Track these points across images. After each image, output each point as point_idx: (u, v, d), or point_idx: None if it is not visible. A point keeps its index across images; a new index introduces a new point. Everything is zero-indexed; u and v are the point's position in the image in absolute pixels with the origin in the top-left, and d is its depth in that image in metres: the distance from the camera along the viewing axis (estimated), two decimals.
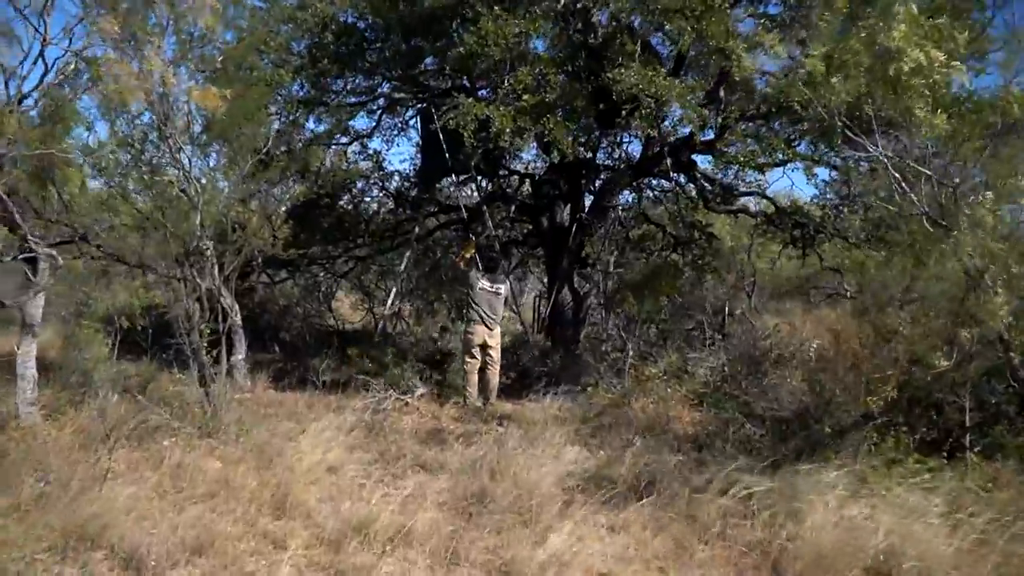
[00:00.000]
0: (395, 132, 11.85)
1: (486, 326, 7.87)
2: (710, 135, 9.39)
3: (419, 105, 10.59)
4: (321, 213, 11.05)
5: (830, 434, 5.61)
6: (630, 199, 11.75)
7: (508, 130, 6.88)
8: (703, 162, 10.33)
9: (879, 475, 5.01)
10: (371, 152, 11.43)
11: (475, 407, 7.75)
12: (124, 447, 5.87)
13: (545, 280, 13.64)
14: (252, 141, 6.96)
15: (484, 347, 7.92)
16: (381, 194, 11.70)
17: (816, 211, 10.57)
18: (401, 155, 34.03)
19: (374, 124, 11.09)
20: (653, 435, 6.58)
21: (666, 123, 8.56)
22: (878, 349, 6.02)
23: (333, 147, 11.56)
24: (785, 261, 17.01)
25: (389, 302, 10.11)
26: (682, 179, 10.76)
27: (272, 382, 9.07)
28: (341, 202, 11.45)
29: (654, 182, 11.66)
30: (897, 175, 5.13)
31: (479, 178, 10.29)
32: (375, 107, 11.10)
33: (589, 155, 10.15)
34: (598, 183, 10.85)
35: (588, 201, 10.50)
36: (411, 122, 11.77)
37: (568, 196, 10.57)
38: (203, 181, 6.97)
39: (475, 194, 11.14)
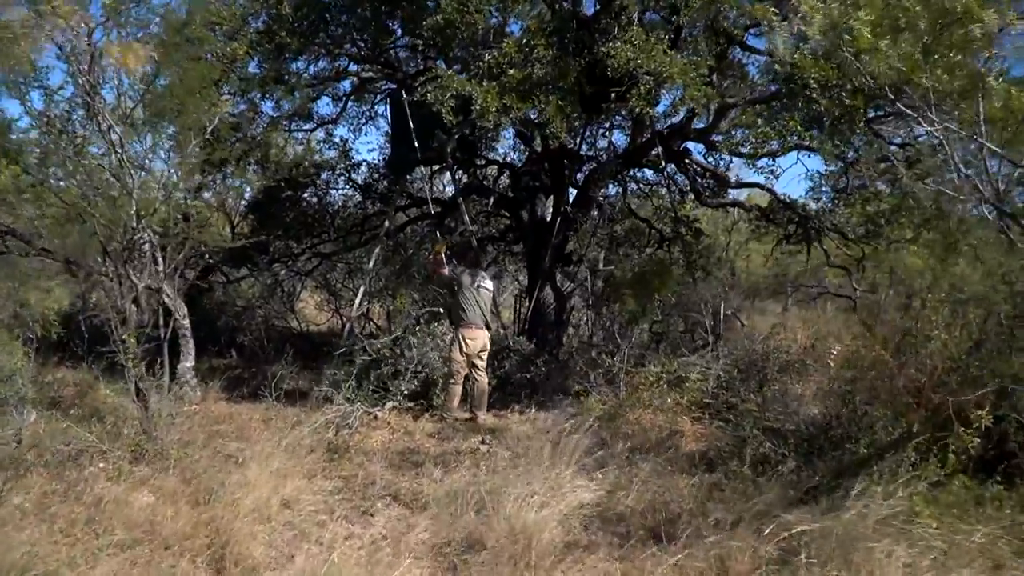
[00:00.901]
0: (363, 120, 10.99)
1: (487, 327, 7.02)
2: (701, 124, 8.69)
3: (388, 88, 9.72)
4: (283, 206, 10.12)
5: (866, 455, 4.87)
6: (615, 192, 10.99)
7: (494, 109, 6.02)
8: (697, 151, 9.62)
9: (927, 502, 4.29)
10: (337, 140, 10.55)
11: (460, 420, 6.93)
12: (42, 475, 4.98)
13: (521, 279, 12.82)
14: (198, 120, 6.04)
15: (478, 352, 7.08)
16: (348, 186, 10.78)
17: (811, 205, 9.91)
18: (369, 144, 32.83)
19: (339, 110, 10.19)
20: (657, 453, 5.82)
21: (660, 106, 7.77)
22: (911, 355, 5.29)
23: (295, 134, 10.64)
24: (759, 258, 16.45)
25: (357, 303, 9.18)
26: (671, 170, 10.03)
27: (225, 392, 8.15)
28: (305, 194, 10.51)
29: (639, 174, 10.93)
30: (955, 157, 4.38)
31: (454, 168, 9.42)
32: (340, 91, 10.25)
33: (574, 144, 9.35)
34: (580, 175, 10.08)
35: (570, 195, 9.72)
36: (380, 109, 10.92)
37: (550, 188, 9.77)
38: (142, 164, 6.05)
39: (449, 186, 10.29)
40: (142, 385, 5.95)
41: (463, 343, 6.96)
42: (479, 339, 6.96)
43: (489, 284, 7.22)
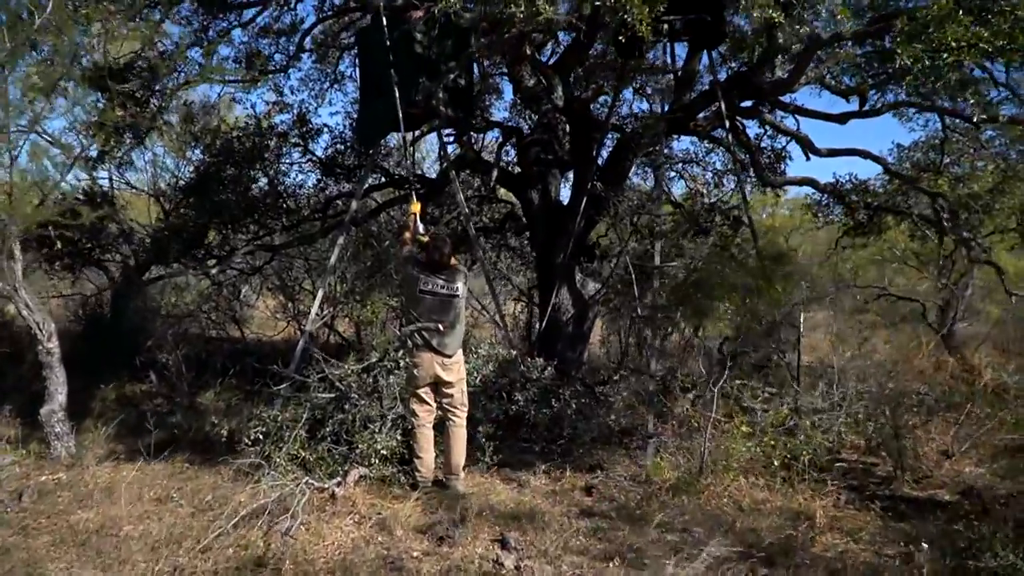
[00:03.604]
0: (325, 83, 8.59)
1: (435, 351, 4.57)
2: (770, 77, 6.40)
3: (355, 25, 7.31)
4: (222, 185, 7.65)
5: None
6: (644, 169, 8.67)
7: None
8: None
9: None
10: (291, 101, 8.13)
11: (429, 487, 4.57)
12: None
13: (515, 279, 10.40)
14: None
15: (437, 386, 4.69)
16: (304, 159, 8.30)
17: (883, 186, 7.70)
18: (333, 109, 29.31)
19: (290, 57, 7.74)
20: (788, 564, 3.50)
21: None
22: None
23: (235, 91, 8.17)
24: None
25: (313, 311, 6.69)
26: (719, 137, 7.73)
27: (123, 440, 5.70)
28: (251, 171, 7.98)
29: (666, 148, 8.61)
30: None
31: (443, 130, 7.01)
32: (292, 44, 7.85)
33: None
34: (601, 145, 7.72)
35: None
36: (348, 72, 8.55)
37: (569, 162, 7.43)
38: None
39: (434, 161, 7.85)
40: None
41: (409, 371, 4.70)
42: (423, 366, 4.59)
43: (459, 288, 4.70)
